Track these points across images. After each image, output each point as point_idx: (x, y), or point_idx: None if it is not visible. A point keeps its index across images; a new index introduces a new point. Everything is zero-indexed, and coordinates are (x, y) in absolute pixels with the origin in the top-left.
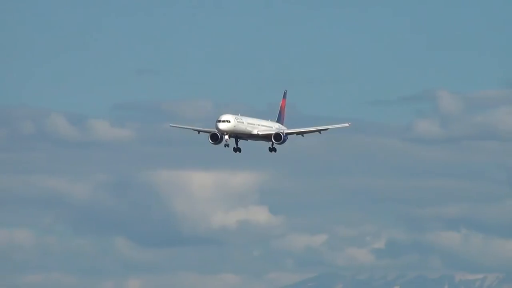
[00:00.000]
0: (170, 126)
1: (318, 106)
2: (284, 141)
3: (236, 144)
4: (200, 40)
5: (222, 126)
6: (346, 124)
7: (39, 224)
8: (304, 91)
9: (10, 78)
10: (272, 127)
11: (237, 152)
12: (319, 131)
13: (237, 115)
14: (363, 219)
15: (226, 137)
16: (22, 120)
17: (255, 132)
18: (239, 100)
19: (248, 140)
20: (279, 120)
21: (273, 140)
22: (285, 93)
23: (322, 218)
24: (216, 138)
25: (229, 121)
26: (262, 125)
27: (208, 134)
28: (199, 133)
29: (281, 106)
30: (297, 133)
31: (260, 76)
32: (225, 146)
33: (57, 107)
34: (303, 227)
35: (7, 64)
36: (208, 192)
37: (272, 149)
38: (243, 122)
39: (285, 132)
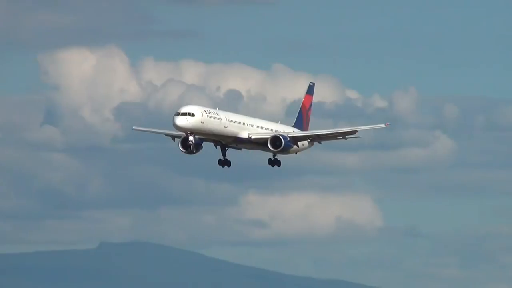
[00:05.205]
0: (133, 129)
1: None
2: (287, 147)
3: (223, 154)
4: None
5: (181, 121)
6: (383, 125)
7: None
8: None
9: None
10: (278, 131)
11: (225, 166)
12: (344, 135)
13: (215, 108)
14: None
15: (191, 138)
16: None
17: (243, 135)
18: None
19: (242, 150)
20: (299, 124)
21: (270, 147)
22: (311, 87)
23: None
24: (188, 144)
25: (193, 115)
26: (261, 127)
27: (179, 140)
28: (174, 139)
29: (303, 104)
30: (311, 138)
31: None
32: (190, 152)
33: None
34: None
35: None
36: None
37: (274, 162)
38: (220, 118)
39: (289, 135)
